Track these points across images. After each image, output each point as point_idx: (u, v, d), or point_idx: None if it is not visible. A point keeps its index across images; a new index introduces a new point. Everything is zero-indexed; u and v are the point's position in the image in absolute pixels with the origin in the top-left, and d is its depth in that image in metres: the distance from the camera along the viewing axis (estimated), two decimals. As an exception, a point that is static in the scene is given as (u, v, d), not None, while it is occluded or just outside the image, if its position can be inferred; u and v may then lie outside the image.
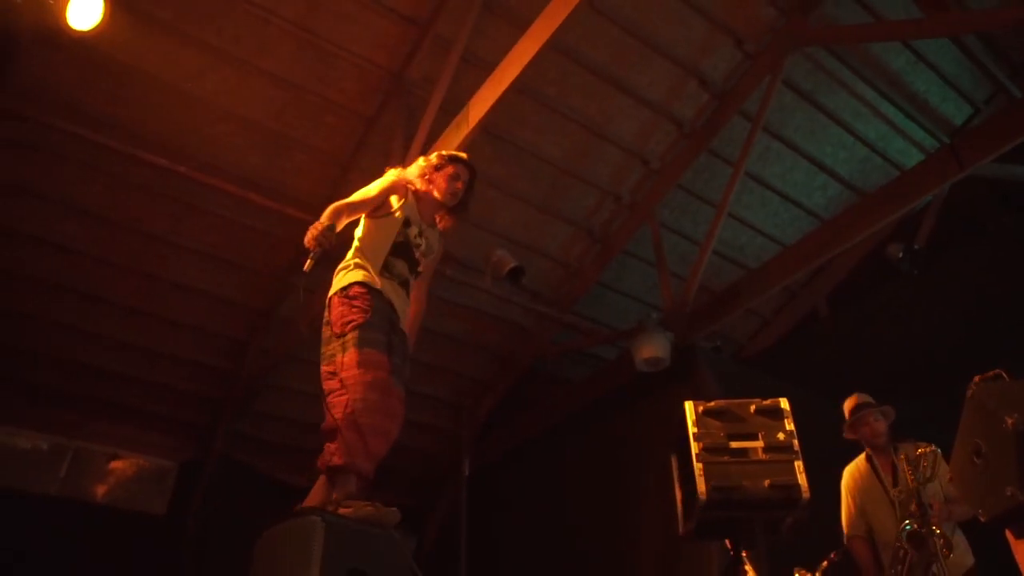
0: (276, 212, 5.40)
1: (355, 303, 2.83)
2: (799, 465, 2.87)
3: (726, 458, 2.91)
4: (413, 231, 3.10)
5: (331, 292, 2.92)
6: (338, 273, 2.98)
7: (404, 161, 4.66)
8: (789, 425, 2.97)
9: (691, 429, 3.00)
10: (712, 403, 3.07)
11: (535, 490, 6.23)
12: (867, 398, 3.89)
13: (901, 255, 6.10)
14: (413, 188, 3.14)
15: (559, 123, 5.66)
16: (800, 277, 6.17)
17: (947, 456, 3.27)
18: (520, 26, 4.81)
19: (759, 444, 2.93)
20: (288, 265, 5.91)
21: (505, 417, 7.01)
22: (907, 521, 3.32)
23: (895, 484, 3.64)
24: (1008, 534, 2.67)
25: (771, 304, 7.23)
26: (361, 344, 2.74)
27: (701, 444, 2.95)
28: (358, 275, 2.91)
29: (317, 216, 5.31)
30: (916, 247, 6.23)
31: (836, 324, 6.78)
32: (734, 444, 2.94)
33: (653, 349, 5.31)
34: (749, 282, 5.65)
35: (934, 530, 3.20)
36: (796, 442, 2.93)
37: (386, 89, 5.23)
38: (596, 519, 5.54)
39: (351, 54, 5.00)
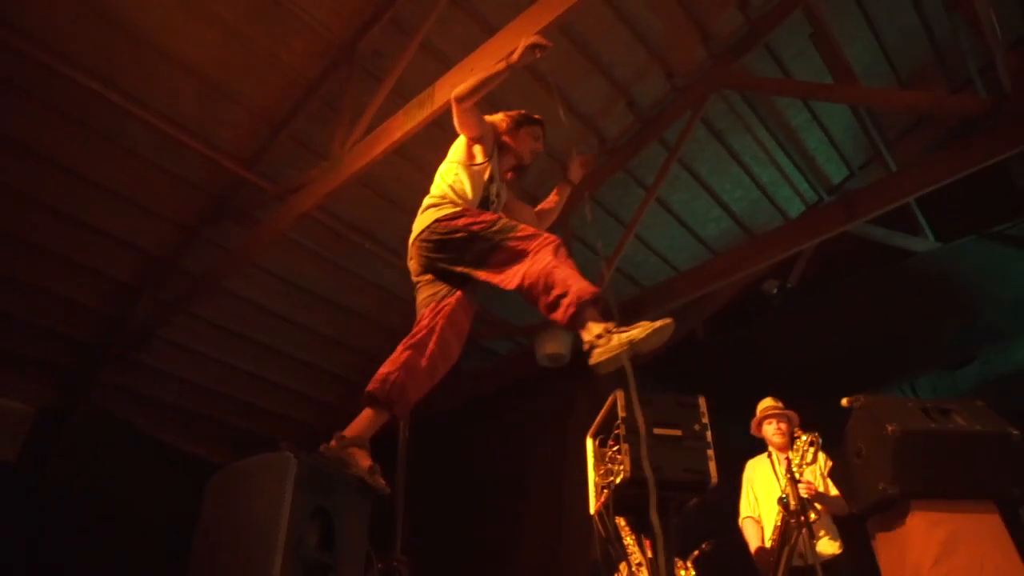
0: (200, 159, 5.27)
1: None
2: (710, 454, 3.24)
3: (650, 442, 3.22)
4: (493, 188, 3.15)
5: (426, 224, 2.94)
6: (426, 210, 2.99)
7: (348, 134, 4.75)
8: (704, 419, 3.34)
9: (620, 414, 3.29)
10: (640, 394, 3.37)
11: (431, 473, 6.35)
12: (774, 402, 4.37)
13: (775, 291, 6.82)
14: (503, 140, 3.19)
15: (495, 119, 5.87)
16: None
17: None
18: (482, 25, 5.07)
19: (678, 433, 3.28)
20: (200, 217, 5.74)
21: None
22: (783, 492, 3.80)
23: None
24: (869, 525, 3.17)
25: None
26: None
27: (623, 429, 3.25)
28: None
29: (244, 168, 5.24)
30: (788, 286, 6.99)
31: (712, 346, 7.40)
32: (657, 431, 3.27)
33: (556, 346, 5.63)
34: (649, 298, 6.12)
35: (805, 500, 3.69)
36: (709, 434, 3.30)
37: (334, 57, 5.23)
38: (492, 502, 5.76)
39: (307, 14, 4.96)
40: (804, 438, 3.93)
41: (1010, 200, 6.45)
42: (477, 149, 3.09)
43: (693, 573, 4.32)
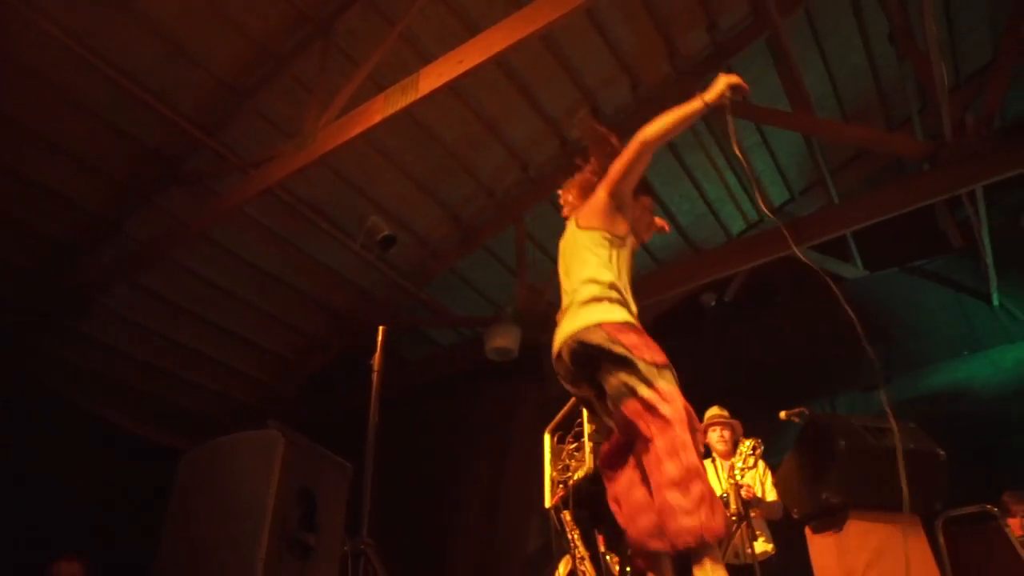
0: (157, 121, 5.11)
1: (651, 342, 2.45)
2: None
3: (611, 440, 3.36)
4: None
5: (599, 320, 2.43)
6: (588, 304, 2.50)
7: (321, 113, 4.69)
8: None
9: (586, 413, 3.42)
10: (603, 394, 3.50)
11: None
12: (720, 411, 4.58)
13: (713, 303, 7.12)
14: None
15: (461, 110, 5.89)
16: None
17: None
18: (463, 22, 5.09)
19: (636, 434, 3.42)
20: (151, 181, 5.54)
21: (334, 380, 7.02)
22: (723, 492, 4.01)
23: None
24: (807, 530, 3.40)
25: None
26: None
27: (594, 426, 3.38)
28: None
29: (202, 132, 5.07)
30: (726, 300, 7.31)
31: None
32: (619, 430, 3.40)
33: (506, 340, 5.72)
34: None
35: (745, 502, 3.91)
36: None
37: (308, 32, 5.15)
38: (433, 489, 5.81)
39: (286, -15, 4.89)
40: (748, 443, 4.15)
41: (931, 238, 6.95)
42: (619, 218, 2.65)
43: (628, 568, 4.52)
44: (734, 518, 3.91)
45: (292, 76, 5.25)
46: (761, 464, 4.23)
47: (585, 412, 3.39)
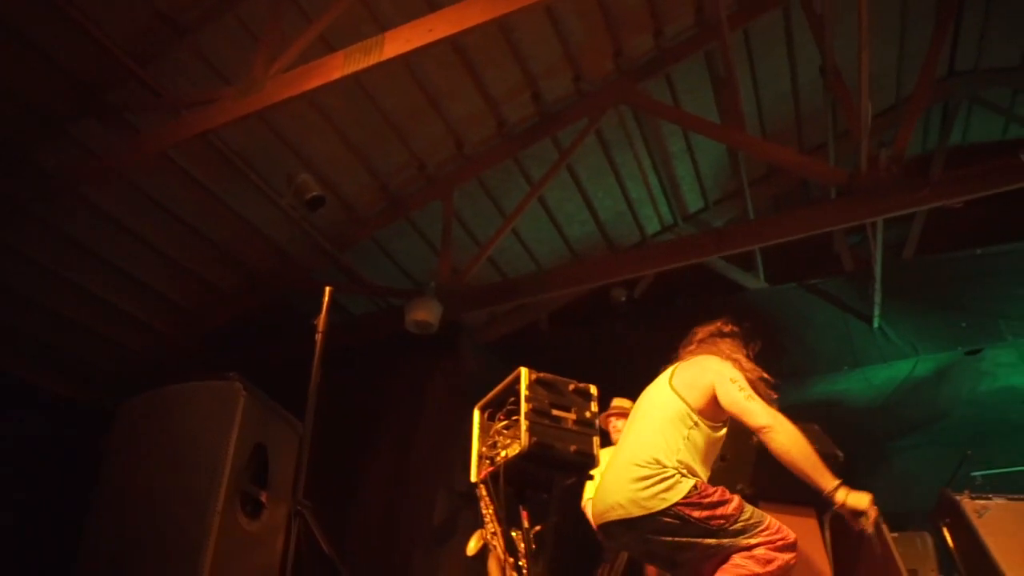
0: (82, 43, 4.74)
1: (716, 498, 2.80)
2: (596, 440, 3.55)
3: (547, 421, 3.47)
4: None
5: (667, 506, 2.74)
6: (656, 483, 2.79)
7: (270, 61, 4.52)
8: (595, 407, 3.63)
9: (524, 392, 3.50)
10: (543, 374, 3.60)
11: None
12: (623, 402, 4.78)
13: (623, 299, 7.40)
14: None
15: (405, 79, 5.82)
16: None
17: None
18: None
19: (572, 416, 3.54)
20: (66, 106, 5.15)
21: (241, 338, 6.79)
22: None
23: None
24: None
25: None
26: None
27: (531, 406, 3.47)
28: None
29: (134, 62, 4.78)
30: (635, 297, 7.60)
31: (554, 339, 7.85)
32: (554, 412, 3.52)
33: (427, 314, 5.73)
34: (511, 288, 6.44)
35: None
36: (597, 421, 3.61)
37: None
38: (332, 458, 5.73)
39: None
40: None
41: (826, 259, 7.50)
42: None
43: (533, 547, 4.66)
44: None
45: (237, 18, 5.02)
46: None
47: (523, 391, 3.47)
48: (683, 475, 2.82)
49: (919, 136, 7.82)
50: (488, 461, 3.72)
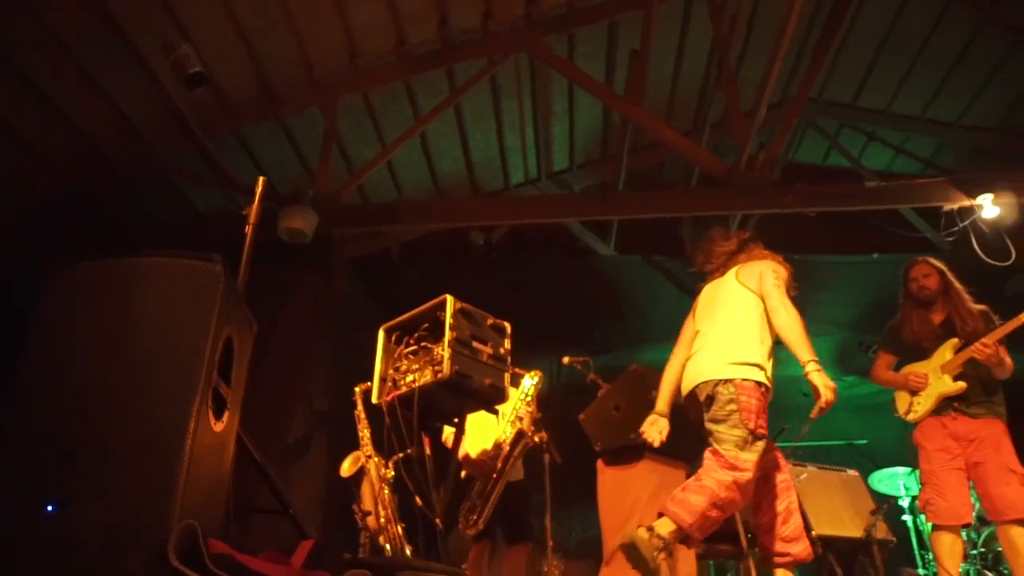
0: None
1: (765, 411, 3.20)
2: (507, 376, 3.65)
3: (467, 352, 3.50)
4: None
5: (746, 376, 3.21)
6: (738, 346, 3.32)
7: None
8: (508, 344, 3.72)
9: (449, 320, 3.49)
10: (466, 305, 3.62)
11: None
12: None
13: (481, 243, 7.51)
14: None
15: (315, -29, 5.40)
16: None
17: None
18: None
19: (488, 350, 3.61)
20: None
21: (65, 218, 5.95)
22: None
23: None
24: (600, 462, 3.93)
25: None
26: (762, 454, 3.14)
27: (455, 334, 3.47)
28: (765, 377, 3.29)
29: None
30: (493, 242, 7.74)
31: (403, 269, 7.76)
32: (474, 344, 3.55)
33: (303, 223, 5.44)
34: (371, 213, 6.34)
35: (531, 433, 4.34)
36: (509, 357, 3.70)
37: None
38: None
39: None
40: (535, 377, 4.59)
41: (672, 240, 8.11)
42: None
43: (392, 473, 4.71)
44: (522, 443, 4.34)
45: None
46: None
47: (448, 319, 3.45)
48: None
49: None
50: (391, 384, 3.69)
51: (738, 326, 3.39)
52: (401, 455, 4.54)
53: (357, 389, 4.75)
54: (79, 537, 1.76)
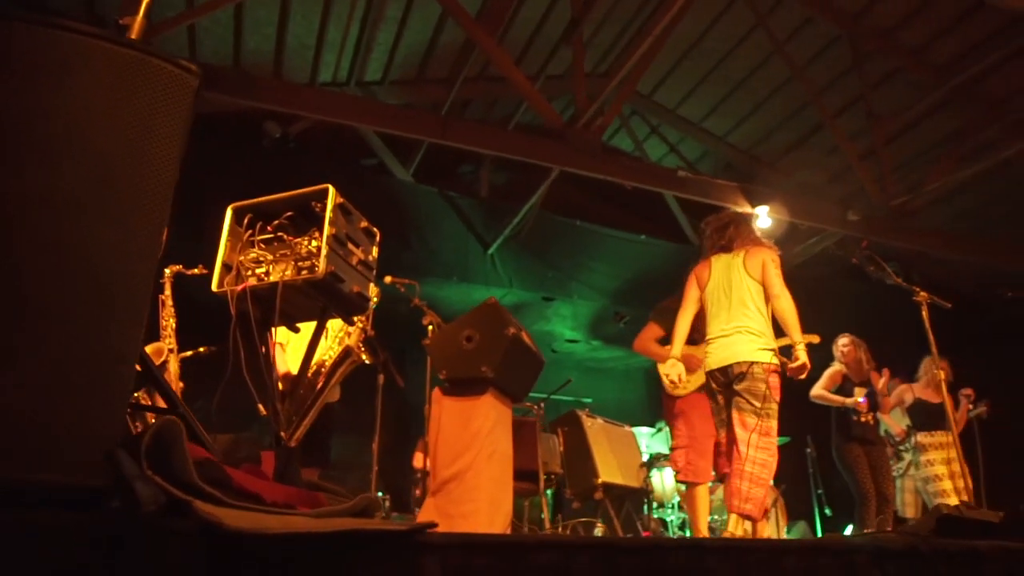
0: None
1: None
2: (373, 287, 3.35)
3: (341, 253, 3.14)
4: None
5: (771, 360, 3.91)
6: (765, 334, 4.03)
7: None
8: (375, 252, 3.41)
9: (329, 215, 3.09)
10: (343, 201, 3.23)
11: None
12: None
13: (278, 135, 6.83)
14: None
15: None
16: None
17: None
18: None
19: (360, 254, 3.27)
20: None
21: None
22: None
23: None
24: (437, 391, 3.83)
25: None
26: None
27: (333, 230, 3.09)
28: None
29: None
30: (289, 134, 7.07)
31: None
32: (348, 245, 3.20)
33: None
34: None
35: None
36: (376, 266, 3.40)
37: None
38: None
39: None
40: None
41: (473, 180, 8.06)
42: None
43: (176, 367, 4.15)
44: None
45: None
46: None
47: (329, 213, 3.04)
48: None
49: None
50: (235, 272, 3.19)
51: (759, 315, 4.05)
52: (204, 350, 4.02)
53: (167, 271, 4.03)
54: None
